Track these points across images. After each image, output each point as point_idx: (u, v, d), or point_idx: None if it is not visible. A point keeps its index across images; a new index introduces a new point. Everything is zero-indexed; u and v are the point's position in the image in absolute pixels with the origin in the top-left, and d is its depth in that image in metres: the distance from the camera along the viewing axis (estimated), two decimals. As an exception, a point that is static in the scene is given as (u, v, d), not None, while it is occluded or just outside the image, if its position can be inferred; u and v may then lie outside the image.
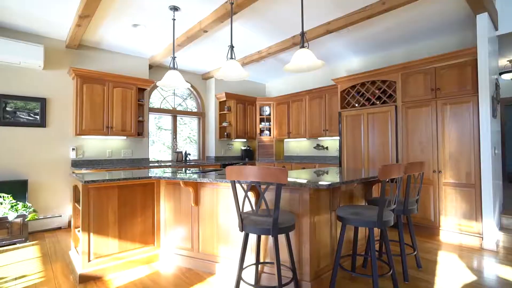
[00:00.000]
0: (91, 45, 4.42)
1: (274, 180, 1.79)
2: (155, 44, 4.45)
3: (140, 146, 5.00)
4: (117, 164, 4.58)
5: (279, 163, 5.92)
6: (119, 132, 4.44)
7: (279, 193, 1.81)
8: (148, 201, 2.84)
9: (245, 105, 6.28)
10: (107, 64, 4.65)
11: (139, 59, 5.01)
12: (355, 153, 4.50)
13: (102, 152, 4.55)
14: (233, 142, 6.47)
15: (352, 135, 4.56)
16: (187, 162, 5.54)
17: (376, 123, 4.26)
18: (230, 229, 2.52)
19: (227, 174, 1.92)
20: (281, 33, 4.11)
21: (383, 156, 4.15)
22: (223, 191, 2.56)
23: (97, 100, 4.23)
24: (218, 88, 6.18)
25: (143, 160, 5.02)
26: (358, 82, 4.59)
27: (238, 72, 2.92)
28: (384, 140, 4.16)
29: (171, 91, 5.85)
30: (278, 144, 6.53)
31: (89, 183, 2.32)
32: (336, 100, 5.23)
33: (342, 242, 2.18)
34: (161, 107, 5.68)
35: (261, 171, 1.81)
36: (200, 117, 6.28)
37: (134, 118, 4.60)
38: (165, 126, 5.78)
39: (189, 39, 3.99)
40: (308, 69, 2.71)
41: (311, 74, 6.12)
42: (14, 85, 3.83)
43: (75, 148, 4.26)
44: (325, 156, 5.77)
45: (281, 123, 6.27)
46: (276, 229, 1.84)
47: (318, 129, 5.52)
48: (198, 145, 6.29)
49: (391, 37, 4.25)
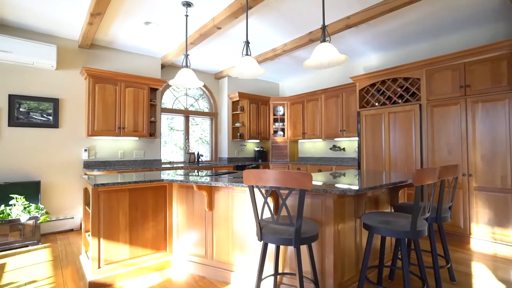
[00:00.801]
0: (104, 44, 4.37)
1: (297, 185, 1.62)
2: (168, 43, 4.36)
3: (152, 147, 4.92)
4: (129, 166, 4.51)
5: (293, 165, 5.73)
6: (131, 132, 4.37)
7: (302, 199, 1.64)
8: (160, 205, 2.72)
9: (258, 105, 6.13)
10: (120, 64, 4.58)
11: (151, 59, 4.93)
12: (375, 154, 4.27)
13: (114, 153, 4.49)
14: (246, 143, 6.33)
15: (372, 136, 4.33)
16: (199, 163, 5.43)
17: (399, 123, 4.02)
18: (246, 236, 2.37)
19: (245, 178, 1.77)
20: (297, 29, 3.93)
21: (406, 157, 3.91)
22: (239, 195, 2.40)
23: (109, 100, 4.16)
24: (231, 87, 6.05)
25: (155, 161, 4.93)
26: (378, 80, 4.36)
27: (253, 69, 2.76)
28: (407, 141, 3.91)
29: (183, 91, 5.76)
30: (292, 145, 6.34)
31: (99, 187, 2.21)
32: (353, 99, 5.00)
33: (369, 253, 1.99)
34: (173, 107, 5.59)
35: (282, 176, 1.64)
36: (212, 118, 6.17)
37: (146, 119, 4.52)
38: (177, 127, 5.70)
39: (202, 37, 3.87)
40: (329, 65, 2.53)
41: (326, 73, 5.90)
42: (27, 85, 3.80)
43: (87, 149, 4.21)
44: (341, 157, 5.54)
45: (295, 123, 6.08)
46: (299, 239, 1.67)
47: (335, 130, 5.30)
48: (210, 146, 6.18)
49: (413, 31, 4.00)
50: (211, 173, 3.05)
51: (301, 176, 1.60)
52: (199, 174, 2.92)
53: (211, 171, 3.26)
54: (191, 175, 2.84)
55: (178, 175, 2.80)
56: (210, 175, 2.77)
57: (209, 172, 3.12)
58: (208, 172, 3.19)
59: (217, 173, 2.93)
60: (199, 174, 2.91)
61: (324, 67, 2.56)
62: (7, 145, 3.65)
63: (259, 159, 6.21)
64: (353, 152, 5.29)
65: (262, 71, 2.75)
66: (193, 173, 3.04)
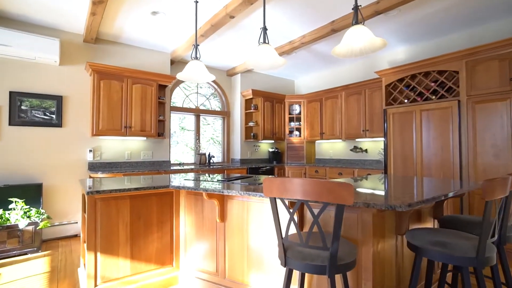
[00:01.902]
0: (109, 38, 4.11)
1: (334, 199, 1.26)
2: (177, 36, 4.06)
3: (160, 148, 4.64)
4: (136, 167, 4.24)
5: (310, 167, 5.34)
6: (138, 132, 4.09)
7: (340, 217, 1.28)
8: (165, 214, 2.40)
9: (273, 103, 5.77)
10: (126, 60, 4.32)
11: (160, 54, 4.66)
12: (405, 157, 3.84)
13: (120, 154, 4.23)
14: (260, 143, 5.98)
15: (401, 136, 3.90)
16: (210, 165, 5.12)
17: (433, 122, 3.58)
18: (264, 253, 2.01)
19: (266, 188, 1.42)
20: (317, 18, 3.56)
21: (442, 161, 3.46)
22: (255, 205, 2.06)
23: (115, 98, 3.90)
24: (244, 85, 5.72)
25: (163, 163, 4.65)
26: (407, 74, 3.92)
27: (272, 59, 2.41)
28: (443, 142, 3.47)
29: (194, 89, 5.46)
30: (309, 146, 5.95)
31: (93, 194, 1.91)
32: (378, 96, 4.57)
33: (416, 280, 1.61)
34: (184, 106, 5.31)
35: (315, 187, 1.28)
36: (224, 117, 5.85)
37: (154, 117, 4.24)
38: (188, 127, 5.41)
39: (213, 28, 3.54)
40: (362, 52, 2.15)
41: (346, 68, 5.48)
42: (29, 82, 3.58)
43: (92, 150, 3.96)
44: (363, 160, 5.11)
45: (312, 123, 5.69)
46: (334, 267, 1.31)
47: (356, 130, 4.88)
48: (222, 147, 5.86)
49: (449, 18, 3.55)
50: (222, 177, 2.71)
51: (339, 187, 1.24)
52: (210, 178, 2.60)
53: (222, 176, 2.93)
54: (201, 179, 2.51)
55: (186, 180, 2.48)
56: (222, 180, 2.43)
57: (221, 177, 2.78)
58: (219, 176, 2.85)
59: (229, 178, 2.60)
60: (210, 178, 2.59)
61: (355, 55, 2.18)
62: (8, 145, 3.44)
63: (274, 161, 5.85)
64: (377, 154, 4.85)
65: (281, 61, 2.39)
66: (203, 177, 2.71)
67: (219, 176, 2.82)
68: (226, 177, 2.74)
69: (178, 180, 2.49)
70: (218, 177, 2.78)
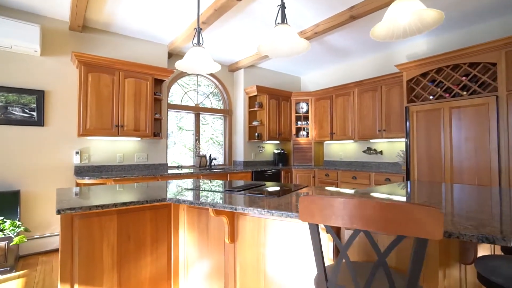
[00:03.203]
0: (99, 27, 3.66)
1: (413, 230, 0.84)
2: (175, 24, 3.62)
3: (157, 149, 4.19)
4: (129, 171, 3.79)
5: (320, 170, 4.92)
6: (132, 132, 3.65)
7: (421, 257, 0.86)
8: (161, 231, 1.97)
9: (278, 101, 5.34)
10: (118, 51, 3.88)
11: (156, 46, 4.21)
12: (432, 160, 3.43)
13: (111, 156, 3.78)
14: (264, 144, 5.55)
15: (427, 137, 3.49)
16: (212, 168, 4.68)
17: (465, 121, 3.18)
18: (288, 286, 1.58)
19: (304, 211, 1.00)
20: (334, 3, 3.14)
21: (477, 164, 3.06)
22: (275, 224, 1.62)
23: (105, 93, 3.45)
24: (247, 81, 5.29)
25: (160, 166, 4.20)
26: (432, 67, 3.51)
27: (292, 42, 1.98)
28: (478, 143, 3.06)
29: (193, 85, 5.02)
30: (317, 147, 5.53)
31: (65, 212, 1.46)
32: (396, 92, 4.16)
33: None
34: (182, 104, 4.87)
35: (381, 211, 0.86)
36: (226, 116, 5.42)
37: (149, 116, 3.79)
38: (186, 126, 4.97)
39: (217, 13, 3.11)
40: (406, 33, 1.73)
41: (358, 63, 5.06)
42: (4, 73, 3.12)
43: (79, 152, 3.51)
44: (378, 162, 4.70)
45: (321, 122, 5.27)
46: (410, 329, 0.88)
47: (371, 129, 4.46)
48: (223, 148, 5.43)
49: (481, 4, 3.15)
50: (226, 185, 2.27)
51: (421, 213, 0.82)
52: (214, 186, 2.16)
53: (224, 183, 2.49)
54: (204, 189, 2.08)
55: (187, 191, 2.04)
56: (230, 190, 2.00)
57: (224, 184, 2.34)
58: (222, 183, 2.42)
59: (238, 188, 2.16)
60: (214, 186, 2.15)
61: (396, 36, 1.76)
62: (-21, 147, 2.98)
63: (279, 163, 5.42)
64: (396, 156, 4.44)
65: (304, 44, 1.96)
66: (206, 184, 2.28)
67: (222, 183, 2.39)
68: (231, 185, 2.31)
69: (176, 188, 2.05)
70: (222, 184, 2.34)
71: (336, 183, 4.63)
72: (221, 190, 1.98)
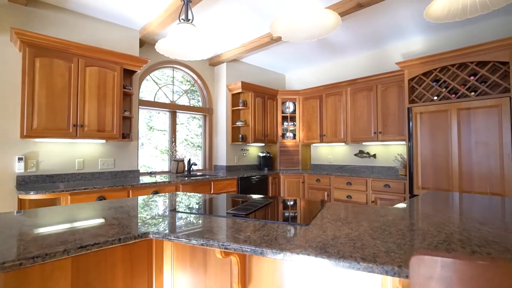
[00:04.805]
0: (51, 1, 2.94)
1: None
2: (149, 4, 3.01)
3: (126, 153, 3.53)
4: (91, 180, 3.10)
5: (310, 175, 4.54)
6: (95, 133, 2.97)
7: None
8: (139, 276, 1.40)
9: (264, 99, 4.89)
10: (76, 35, 3.17)
11: (125, 31, 3.54)
12: (437, 165, 3.18)
13: (68, 162, 3.06)
14: (248, 146, 5.06)
15: (432, 140, 3.23)
16: (191, 174, 4.10)
17: (475, 123, 2.95)
18: None
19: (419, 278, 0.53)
20: (341, -12, 2.75)
21: (489, 171, 2.84)
22: (295, 266, 1.15)
23: (59, 84, 2.75)
24: (230, 77, 4.76)
25: (130, 174, 3.54)
26: (436, 66, 3.27)
27: (317, 16, 1.52)
28: (490, 148, 2.85)
29: (168, 78, 4.39)
30: (304, 150, 5.16)
31: (-20, 273, 0.87)
32: (393, 92, 3.90)
33: None
34: (155, 100, 4.22)
35: None
36: (206, 115, 4.85)
37: (117, 113, 3.13)
38: (158, 126, 4.33)
39: (204, -10, 2.57)
40: (472, 10, 1.35)
41: (350, 61, 4.77)
42: None
43: (23, 158, 2.76)
44: (371, 166, 4.42)
45: (310, 123, 4.90)
46: None
47: (366, 132, 4.17)
48: (203, 151, 4.85)
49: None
50: (228, 203, 1.75)
51: None
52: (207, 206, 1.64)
53: (216, 198, 1.97)
54: (195, 209, 1.54)
55: (172, 212, 1.49)
56: (235, 214, 1.48)
57: (219, 202, 1.82)
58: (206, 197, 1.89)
59: (244, 208, 1.65)
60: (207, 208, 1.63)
61: (460, 16, 1.38)
62: None
63: (265, 168, 4.96)
64: (393, 160, 4.18)
65: (334, 19, 1.51)
66: (192, 198, 1.74)
67: (215, 198, 1.86)
68: (226, 201, 1.79)
69: (157, 209, 1.49)
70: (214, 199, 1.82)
71: (329, 189, 4.27)
72: (223, 215, 1.46)
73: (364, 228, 1.21)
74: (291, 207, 1.67)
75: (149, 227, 1.24)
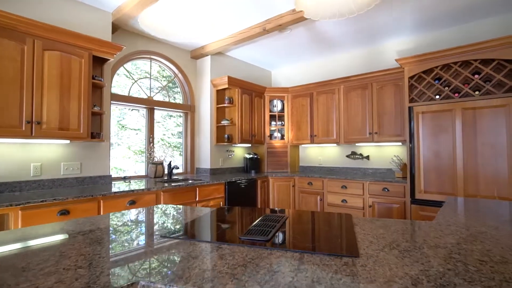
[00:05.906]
0: (0, -31, 2.38)
1: None
2: (126, -21, 2.54)
3: (95, 156, 3.01)
4: (51, 189, 2.57)
5: (301, 178, 4.26)
6: (55, 132, 2.44)
7: None
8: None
9: (252, 96, 4.53)
10: (33, 12, 2.61)
11: (95, 12, 3.02)
12: (440, 167, 3.01)
13: (21, 167, 2.50)
14: (234, 147, 4.68)
15: (435, 141, 3.07)
16: (172, 179, 3.64)
17: (480, 124, 2.81)
18: None
19: None
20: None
21: (496, 174, 2.70)
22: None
23: (9, 70, 2.20)
24: (214, 71, 4.35)
25: (100, 180, 3.02)
26: (437, 64, 3.12)
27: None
28: (496, 150, 2.72)
29: (143, 72, 3.90)
30: (293, 151, 4.88)
31: None
32: (389, 91, 3.72)
33: None
34: (129, 95, 3.72)
35: None
36: (187, 112, 4.40)
37: (85, 108, 2.62)
38: (131, 124, 3.83)
39: (194, -38, 2.16)
40: None
41: (342, 58, 4.56)
42: None
43: (-42, 163, 2.18)
44: (364, 168, 4.23)
45: (299, 123, 4.63)
46: None
47: (361, 132, 3.96)
48: (184, 152, 4.40)
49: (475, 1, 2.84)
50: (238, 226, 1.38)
51: None
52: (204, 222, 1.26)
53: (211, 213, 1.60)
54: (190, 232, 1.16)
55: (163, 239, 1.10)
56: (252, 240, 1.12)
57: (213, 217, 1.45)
58: (208, 214, 1.51)
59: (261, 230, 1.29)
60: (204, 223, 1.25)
61: None
62: None
63: (252, 170, 4.61)
64: (390, 162, 4.00)
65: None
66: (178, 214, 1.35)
67: (209, 212, 1.48)
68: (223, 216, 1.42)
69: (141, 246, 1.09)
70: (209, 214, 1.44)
71: (322, 193, 4.01)
72: (234, 242, 1.09)
73: (437, 261, 0.90)
74: (314, 224, 1.34)
75: (135, 276, 0.84)
